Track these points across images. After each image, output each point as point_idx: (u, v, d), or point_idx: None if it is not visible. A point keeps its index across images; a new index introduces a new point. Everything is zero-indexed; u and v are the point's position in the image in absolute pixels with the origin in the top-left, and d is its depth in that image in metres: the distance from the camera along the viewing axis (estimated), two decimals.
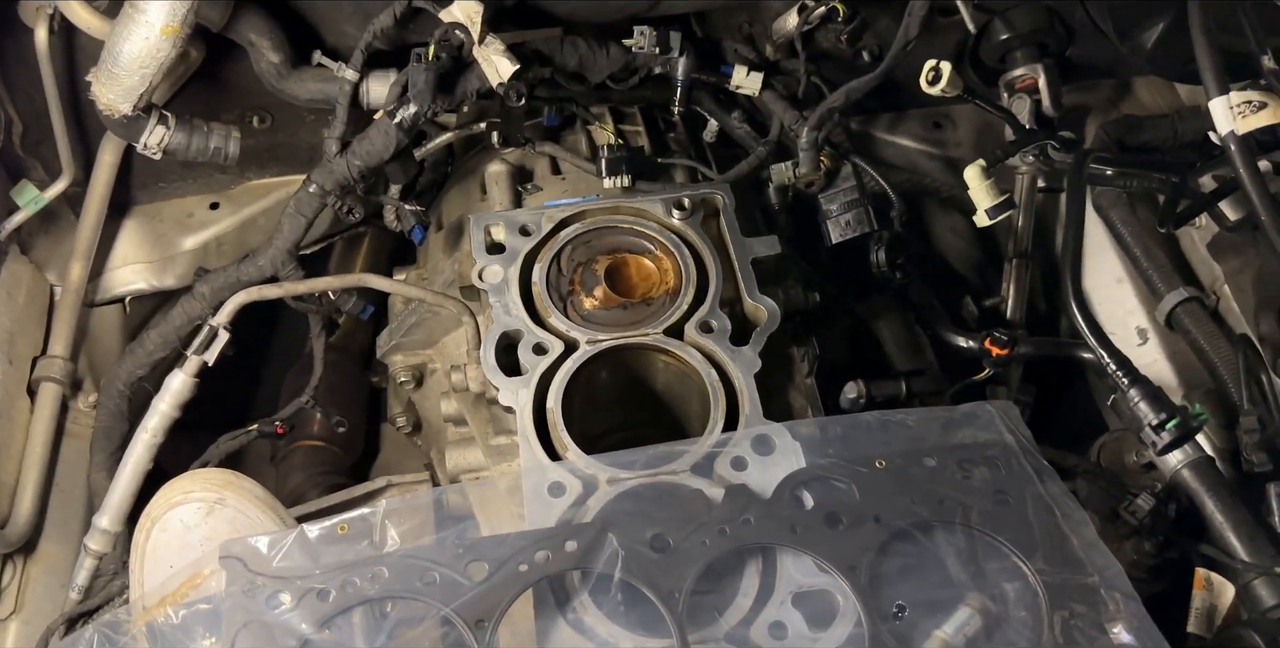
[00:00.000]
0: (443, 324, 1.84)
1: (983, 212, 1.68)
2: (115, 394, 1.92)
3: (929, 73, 1.70)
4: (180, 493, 1.46)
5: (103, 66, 1.57)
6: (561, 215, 1.67)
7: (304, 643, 1.23)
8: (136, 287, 2.18)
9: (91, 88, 1.62)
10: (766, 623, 1.27)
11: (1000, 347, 1.61)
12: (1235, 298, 1.77)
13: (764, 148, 1.86)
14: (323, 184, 1.77)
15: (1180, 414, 1.37)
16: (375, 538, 1.34)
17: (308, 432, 2.18)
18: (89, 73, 1.61)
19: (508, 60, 1.63)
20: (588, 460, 1.40)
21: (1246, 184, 1.36)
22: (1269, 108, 1.43)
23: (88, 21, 1.63)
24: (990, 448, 1.40)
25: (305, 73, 1.82)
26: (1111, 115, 2.08)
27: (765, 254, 1.62)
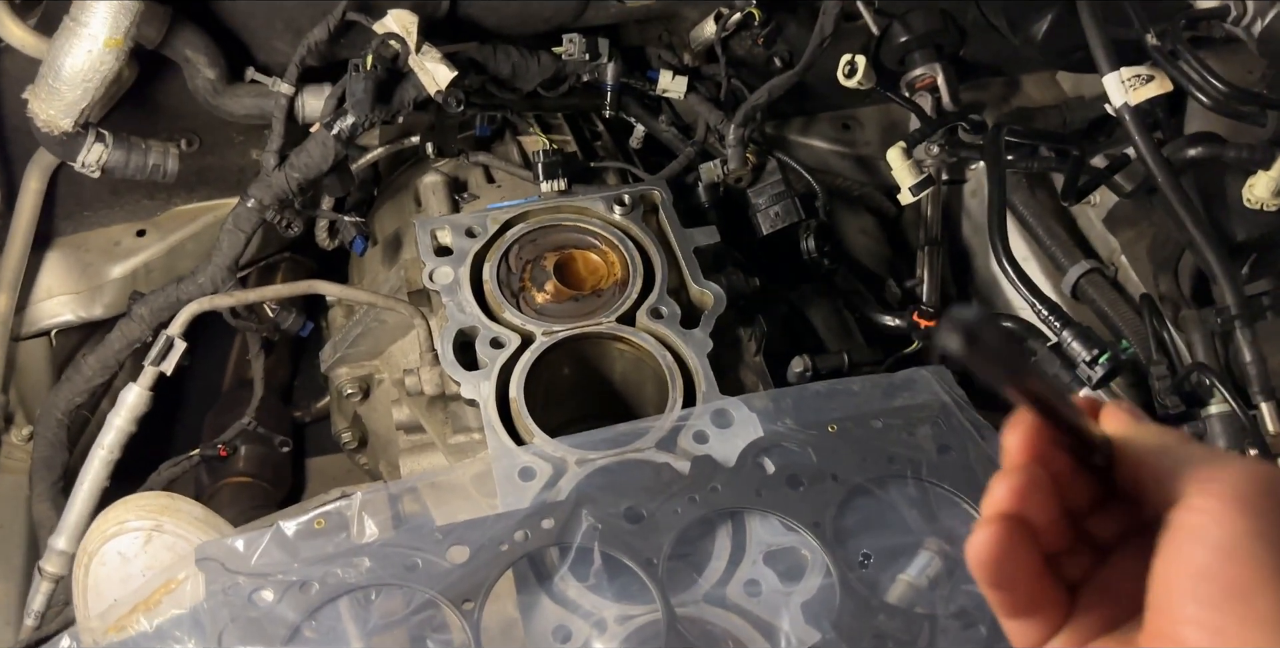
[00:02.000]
0: (389, 333, 1.86)
1: (906, 190, 1.80)
2: (53, 423, 1.88)
3: (845, 66, 1.81)
4: (114, 524, 1.44)
5: (42, 82, 1.56)
6: (506, 216, 1.72)
7: (294, 631, 1.24)
8: (64, 319, 2.12)
9: (29, 104, 1.60)
10: (741, 582, 1.33)
11: (927, 318, 1.72)
12: (1133, 266, 1.92)
13: (692, 148, 1.95)
14: (261, 198, 1.78)
15: (1110, 349, 1.49)
16: (353, 530, 1.35)
17: (234, 469, 2.17)
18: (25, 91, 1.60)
19: (445, 67, 1.69)
20: (555, 444, 1.44)
21: (1142, 149, 1.50)
22: (1156, 80, 1.59)
23: (22, 39, 1.62)
24: (930, 408, 1.50)
25: (240, 89, 1.83)
26: (1005, 109, 2.24)
27: (706, 243, 1.70)
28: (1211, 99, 1.58)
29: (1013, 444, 0.61)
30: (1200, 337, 1.68)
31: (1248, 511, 0.54)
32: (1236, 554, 0.53)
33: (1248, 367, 1.58)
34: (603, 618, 1.29)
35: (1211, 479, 0.56)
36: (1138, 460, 0.60)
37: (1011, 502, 0.59)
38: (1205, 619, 0.53)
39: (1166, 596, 0.55)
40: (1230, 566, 0.53)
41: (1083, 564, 0.63)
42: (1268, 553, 0.53)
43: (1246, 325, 1.59)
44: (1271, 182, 1.65)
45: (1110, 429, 0.62)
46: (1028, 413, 0.60)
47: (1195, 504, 0.55)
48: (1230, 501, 0.55)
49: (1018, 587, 0.60)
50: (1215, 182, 1.76)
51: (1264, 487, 0.55)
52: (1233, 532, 0.54)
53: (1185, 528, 0.55)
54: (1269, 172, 1.65)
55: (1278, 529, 0.54)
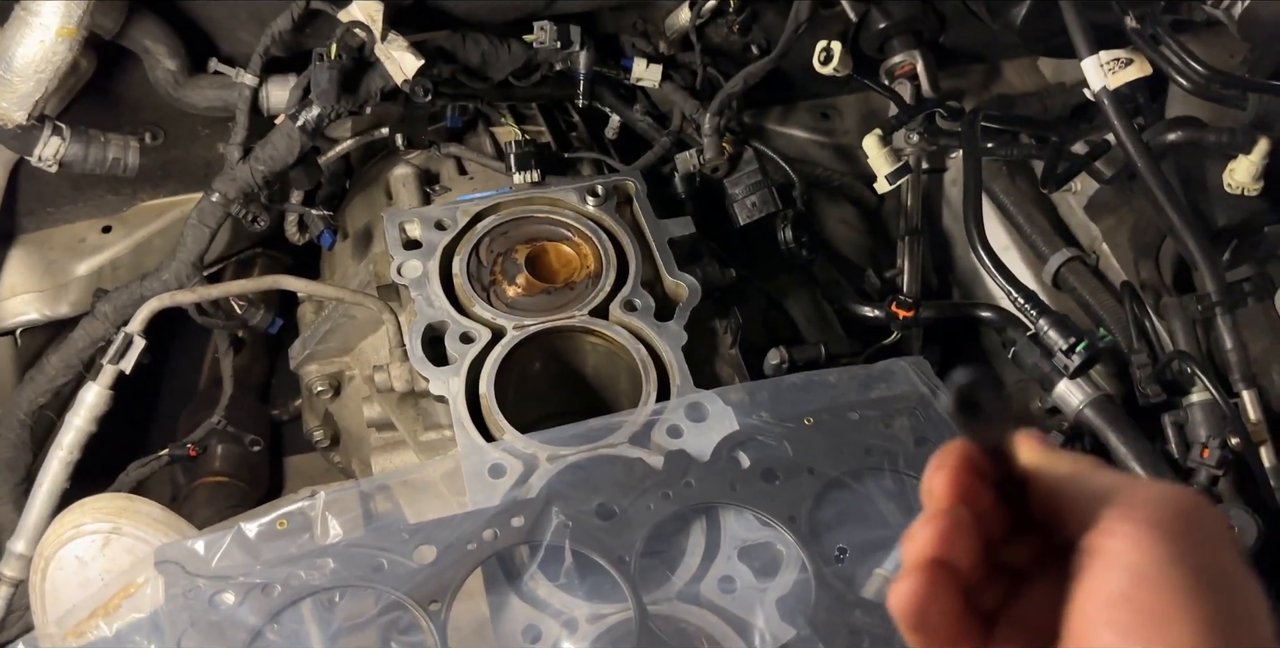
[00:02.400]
0: (359, 329, 1.82)
1: (883, 178, 1.78)
2: (16, 424, 1.84)
3: (821, 53, 1.79)
4: (70, 527, 1.41)
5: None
6: (476, 209, 1.69)
7: (255, 635, 1.20)
8: (28, 317, 2.08)
9: None
10: (716, 578, 1.30)
11: (905, 309, 1.70)
12: (1114, 254, 1.90)
13: (668, 137, 1.92)
14: (226, 192, 1.75)
15: (1088, 337, 1.47)
16: (316, 531, 1.32)
17: (209, 468, 2.13)
18: None
19: (412, 56, 1.65)
20: (525, 440, 1.42)
21: (1121, 133, 1.47)
22: (1135, 63, 1.57)
23: None
24: (907, 399, 1.48)
25: (203, 80, 1.80)
26: (985, 96, 2.22)
27: (681, 234, 1.67)
28: (1192, 83, 1.56)
29: (939, 486, 0.60)
30: (1181, 324, 1.66)
31: (1165, 535, 0.53)
32: (1153, 580, 0.52)
33: (1229, 354, 1.56)
34: (574, 617, 1.26)
35: (1129, 503, 0.55)
36: (1053, 488, 0.60)
37: (937, 546, 0.58)
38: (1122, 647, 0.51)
39: (1083, 623, 0.54)
40: (1147, 591, 0.52)
41: (998, 593, 0.62)
42: (1185, 578, 0.51)
43: (1227, 312, 1.57)
44: (1252, 166, 1.63)
45: (1024, 458, 0.61)
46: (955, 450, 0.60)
47: (1113, 529, 0.54)
48: (1148, 525, 0.53)
49: (938, 630, 0.59)
50: (1196, 167, 1.74)
51: (1181, 511, 0.54)
52: (1150, 556, 0.52)
53: (1102, 553, 0.54)
54: (1249, 156, 1.63)
55: (1195, 554, 0.52)
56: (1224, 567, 0.54)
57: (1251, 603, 0.54)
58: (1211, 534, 0.55)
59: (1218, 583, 0.52)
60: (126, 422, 1.80)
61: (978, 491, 0.60)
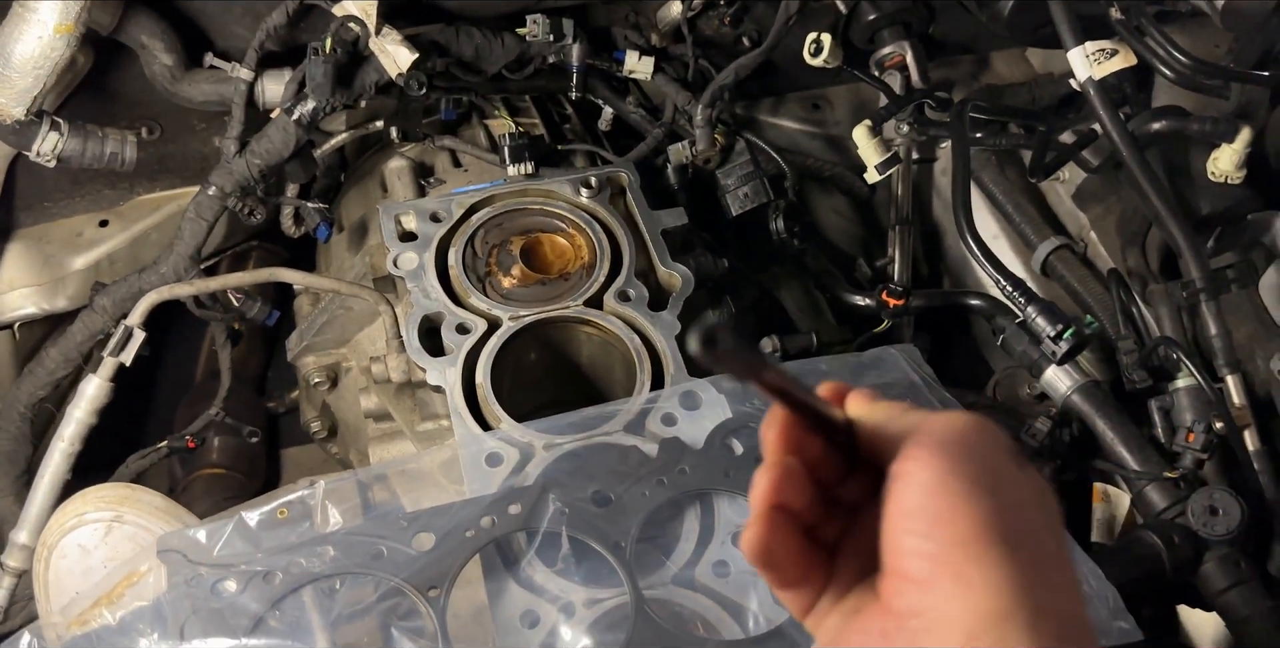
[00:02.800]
0: (355, 320, 1.84)
1: (873, 168, 1.79)
2: (16, 417, 1.86)
3: (811, 45, 1.80)
4: (73, 516, 1.42)
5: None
6: (471, 201, 1.70)
7: (257, 622, 1.22)
8: (26, 311, 2.09)
9: None
10: (710, 563, 1.33)
11: (896, 298, 1.72)
12: (1101, 242, 1.92)
13: (660, 129, 1.94)
14: (222, 186, 1.76)
15: (1075, 324, 1.50)
16: (316, 519, 1.34)
17: (207, 460, 2.13)
18: None
19: (406, 50, 1.66)
20: (522, 429, 1.43)
21: (1106, 123, 1.49)
22: (1120, 54, 1.59)
23: None
24: (898, 386, 1.49)
25: (199, 75, 1.81)
26: (974, 87, 2.23)
27: (673, 225, 1.69)
28: (1176, 73, 1.58)
29: (769, 438, 0.69)
30: (1167, 311, 1.68)
31: (947, 453, 0.63)
32: (938, 489, 0.61)
33: (1213, 340, 1.58)
34: (571, 602, 1.28)
35: (920, 432, 0.65)
36: (872, 432, 0.69)
37: (772, 494, 0.67)
38: (919, 548, 0.61)
39: (890, 534, 0.63)
40: (933, 499, 0.61)
41: (836, 527, 0.71)
42: (961, 485, 0.61)
43: (1211, 299, 1.59)
44: (1235, 154, 1.65)
45: (852, 410, 0.71)
46: (779, 408, 0.68)
47: (907, 454, 0.64)
48: (933, 447, 0.63)
49: (785, 565, 0.68)
50: (1180, 155, 1.76)
51: (961, 434, 0.64)
52: (935, 471, 0.62)
53: (900, 475, 0.64)
54: (1233, 145, 1.65)
55: (970, 465, 0.62)
56: (997, 471, 0.64)
57: (1023, 495, 0.64)
58: (986, 448, 0.64)
59: (992, 485, 0.62)
60: (123, 414, 1.82)
61: (804, 441, 0.69)
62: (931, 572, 0.60)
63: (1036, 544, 0.62)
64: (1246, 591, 1.45)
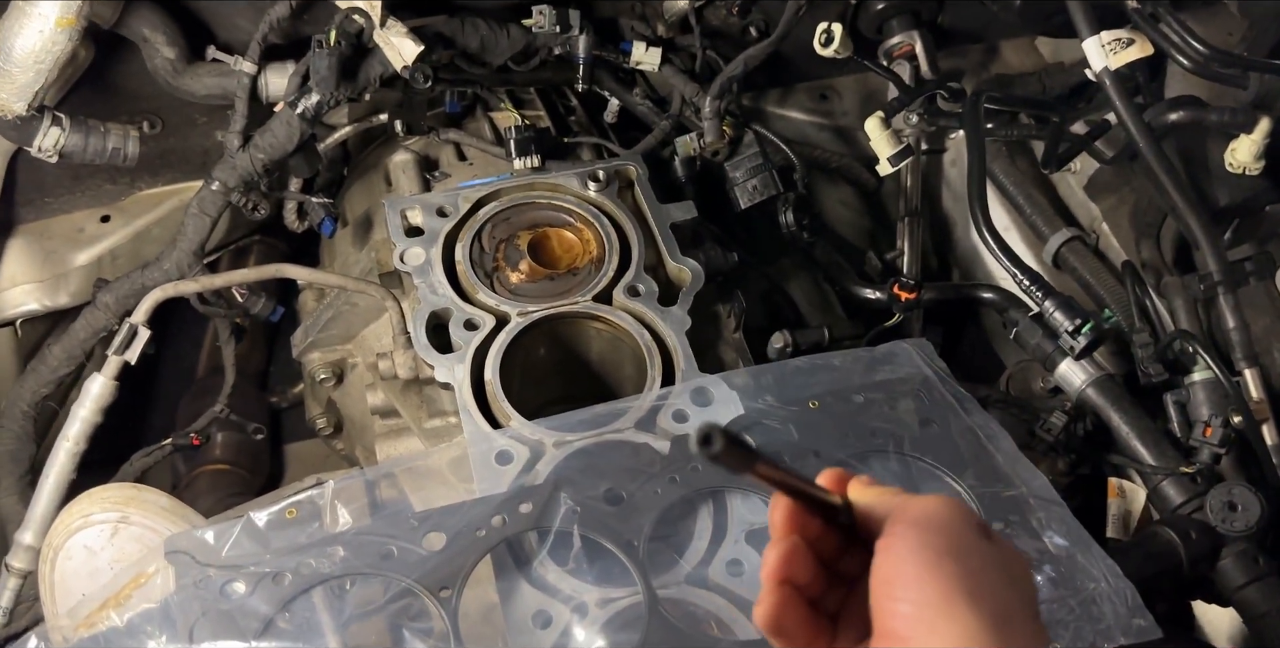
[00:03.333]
0: (361, 317, 1.82)
1: (885, 160, 1.77)
2: (19, 415, 1.84)
3: (821, 35, 1.78)
4: (79, 517, 1.41)
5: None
6: (478, 195, 1.68)
7: (267, 624, 1.21)
8: (29, 307, 2.07)
9: None
10: (724, 562, 1.31)
11: (908, 291, 1.70)
12: (1114, 234, 1.90)
13: (667, 121, 1.92)
14: (226, 181, 1.74)
15: (1093, 318, 1.48)
16: (325, 519, 1.32)
17: (210, 457, 2.12)
18: None
19: (411, 42, 1.64)
20: (532, 427, 1.42)
21: (1123, 114, 1.47)
22: (1137, 43, 1.56)
23: None
24: (911, 382, 1.48)
25: (201, 68, 1.78)
26: (984, 76, 2.21)
27: (683, 219, 1.67)
28: (1192, 62, 1.55)
29: (775, 520, 0.80)
30: (1183, 303, 1.66)
31: (920, 529, 0.74)
32: (912, 558, 0.73)
33: (1231, 333, 1.57)
34: (583, 602, 1.27)
35: (899, 511, 0.76)
36: (866, 512, 0.80)
37: (781, 570, 0.78)
38: (898, 610, 0.72)
39: (875, 599, 0.74)
40: (908, 566, 0.73)
41: (838, 597, 0.82)
42: (932, 554, 0.73)
43: (1229, 291, 1.57)
44: (1254, 145, 1.63)
45: (852, 495, 0.82)
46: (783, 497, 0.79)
47: (888, 531, 0.75)
48: (909, 524, 0.75)
49: (793, 634, 0.79)
50: (1197, 146, 1.74)
51: (933, 512, 0.76)
52: (909, 543, 0.74)
53: (881, 549, 0.75)
54: (1251, 135, 1.63)
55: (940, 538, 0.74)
56: (964, 542, 0.75)
57: (987, 561, 0.74)
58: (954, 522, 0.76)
59: (958, 553, 0.73)
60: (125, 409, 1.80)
61: (805, 521, 0.80)
62: (911, 629, 0.71)
63: (1001, 601, 0.73)
64: (1265, 587, 1.44)
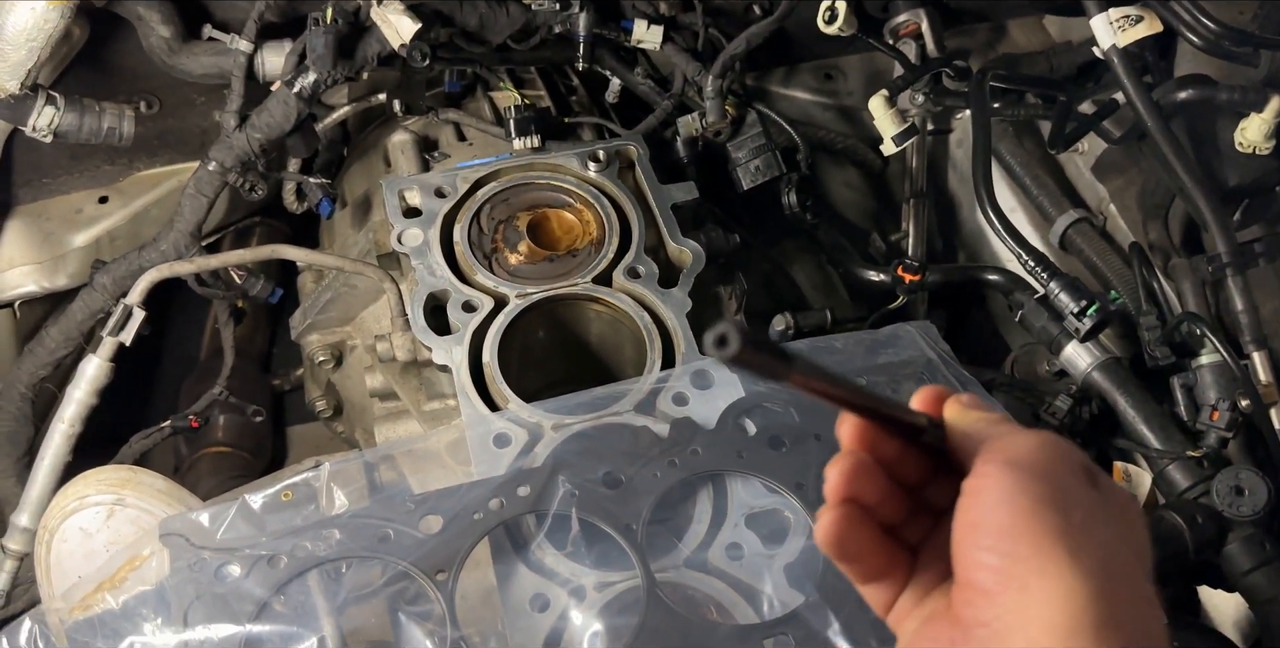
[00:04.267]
0: (360, 298, 1.81)
1: (889, 139, 1.75)
2: (17, 397, 1.84)
3: (825, 12, 1.75)
4: (74, 499, 1.40)
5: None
6: (476, 175, 1.67)
7: (261, 607, 1.20)
8: (27, 289, 2.06)
9: None
10: (723, 545, 1.30)
11: (912, 273, 1.68)
12: (1121, 215, 1.88)
13: (669, 101, 1.89)
14: (223, 161, 1.72)
15: (1099, 300, 1.46)
16: (321, 502, 1.32)
17: (212, 438, 2.12)
18: None
19: (409, 20, 1.62)
20: (530, 409, 1.41)
21: (1131, 93, 1.45)
22: (1145, 21, 1.53)
23: None
24: (915, 364, 1.47)
25: (197, 47, 1.76)
26: (990, 56, 2.18)
27: (684, 199, 1.65)
28: (1203, 39, 1.53)
29: (842, 432, 0.72)
30: (1191, 285, 1.64)
31: (1016, 472, 0.65)
32: (1004, 505, 0.64)
33: (1239, 315, 1.55)
34: (581, 585, 1.26)
35: (993, 449, 0.67)
36: (958, 439, 0.72)
37: (842, 487, 0.70)
38: (986, 561, 0.63)
39: (959, 547, 0.65)
40: (1000, 514, 0.64)
41: (923, 528, 0.74)
42: (1028, 501, 0.63)
43: (1238, 273, 1.55)
44: (1264, 124, 1.60)
45: (948, 415, 0.73)
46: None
47: (978, 471, 0.66)
48: (1003, 465, 0.66)
49: (862, 559, 0.72)
50: (1206, 125, 1.71)
51: (1032, 452, 0.67)
52: (1002, 488, 0.64)
53: (969, 491, 0.66)
54: (1261, 114, 1.60)
55: (1039, 483, 0.64)
56: (1066, 489, 0.65)
57: (1092, 512, 0.65)
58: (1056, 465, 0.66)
59: (1059, 502, 0.64)
60: (126, 393, 1.80)
61: (878, 438, 0.71)
62: (997, 584, 0.63)
63: (1106, 558, 0.63)
64: (1272, 572, 1.42)
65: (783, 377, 0.59)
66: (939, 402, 0.74)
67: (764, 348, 0.57)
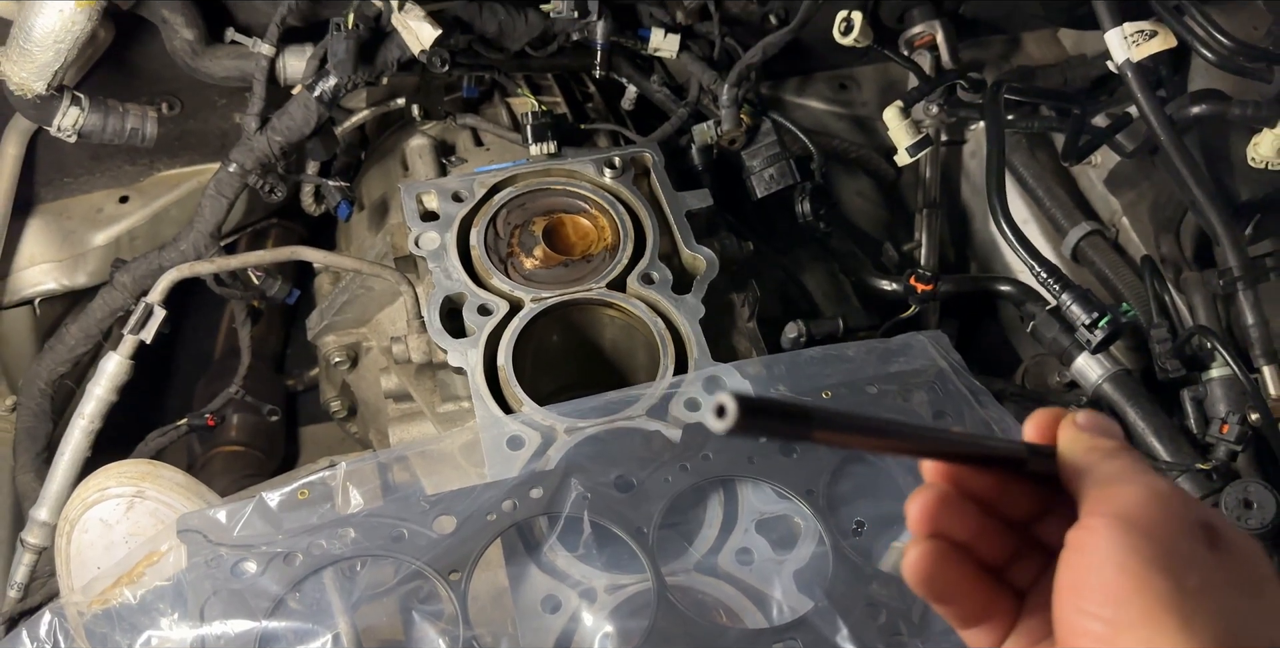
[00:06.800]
0: (376, 300, 1.83)
1: (903, 150, 1.76)
2: (37, 393, 1.86)
3: (841, 24, 1.77)
4: (95, 491, 1.42)
5: (13, 43, 1.52)
6: (493, 180, 1.68)
7: (277, 604, 1.22)
8: (47, 287, 2.09)
9: (1, 67, 1.56)
10: (733, 550, 1.31)
11: (924, 283, 1.69)
12: (1134, 228, 1.89)
13: (685, 108, 1.91)
14: (243, 163, 1.74)
15: (1111, 312, 1.47)
16: (337, 501, 1.33)
17: (226, 437, 2.14)
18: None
19: (429, 26, 1.64)
20: (544, 412, 1.42)
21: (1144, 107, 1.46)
22: (1159, 36, 1.55)
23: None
24: (926, 373, 1.48)
25: (220, 50, 1.79)
26: (1005, 68, 2.19)
27: (698, 207, 1.67)
28: (1216, 55, 1.54)
29: (923, 464, 0.66)
30: (1202, 299, 1.65)
31: (1125, 528, 0.58)
32: (1111, 567, 0.57)
33: (1250, 329, 1.56)
34: (592, 588, 1.28)
35: (1101, 498, 0.61)
36: (1068, 472, 0.64)
37: (921, 522, 0.65)
38: (1089, 628, 0.58)
39: (1060, 608, 0.60)
40: (1106, 577, 0.57)
41: (1034, 569, 0.66)
42: (1138, 564, 0.57)
43: (1249, 287, 1.56)
44: (1277, 139, 1.61)
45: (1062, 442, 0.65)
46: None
47: (1084, 522, 0.60)
48: (1111, 518, 0.59)
49: (957, 600, 0.65)
50: (1219, 140, 1.72)
51: (1145, 506, 0.60)
52: (1109, 546, 0.58)
53: (1073, 544, 0.60)
54: (1274, 130, 1.61)
55: (1151, 544, 0.58)
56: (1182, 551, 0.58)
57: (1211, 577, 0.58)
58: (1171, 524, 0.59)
59: (1174, 567, 0.57)
60: (142, 391, 1.82)
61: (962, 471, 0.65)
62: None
63: (1226, 630, 0.57)
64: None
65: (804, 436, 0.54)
66: (1053, 427, 0.67)
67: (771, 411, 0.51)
